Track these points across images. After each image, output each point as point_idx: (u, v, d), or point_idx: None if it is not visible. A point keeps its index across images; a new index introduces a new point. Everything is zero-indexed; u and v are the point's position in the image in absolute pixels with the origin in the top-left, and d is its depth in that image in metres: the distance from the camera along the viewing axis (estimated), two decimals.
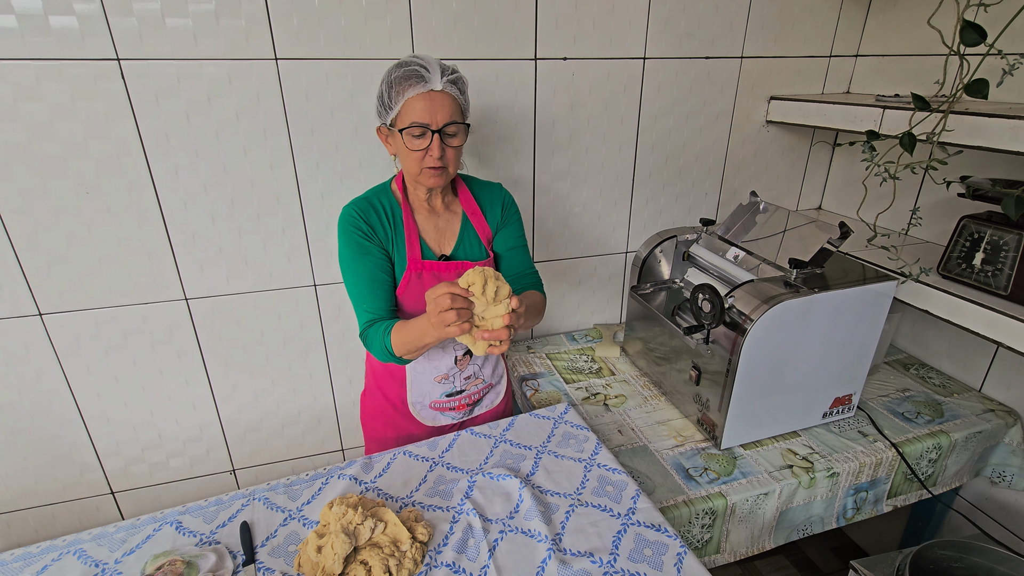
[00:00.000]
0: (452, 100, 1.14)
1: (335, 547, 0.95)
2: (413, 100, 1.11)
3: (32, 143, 1.31)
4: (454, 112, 1.15)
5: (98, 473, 1.69)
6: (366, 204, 1.25)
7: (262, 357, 1.70)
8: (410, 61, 1.13)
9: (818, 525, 1.41)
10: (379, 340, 1.20)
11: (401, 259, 1.26)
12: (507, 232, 1.36)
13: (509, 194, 1.37)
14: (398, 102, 1.13)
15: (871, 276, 1.34)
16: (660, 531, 1.06)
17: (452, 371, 1.37)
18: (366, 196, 1.27)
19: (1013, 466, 1.56)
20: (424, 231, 1.29)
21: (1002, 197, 1.19)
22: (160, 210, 1.46)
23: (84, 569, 0.99)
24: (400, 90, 1.12)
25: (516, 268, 1.36)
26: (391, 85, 1.13)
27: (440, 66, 1.13)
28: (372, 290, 1.23)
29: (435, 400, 1.39)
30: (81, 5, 1.24)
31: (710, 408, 1.39)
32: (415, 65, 1.12)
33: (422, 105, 1.12)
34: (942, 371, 1.75)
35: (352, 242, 1.22)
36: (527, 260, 1.39)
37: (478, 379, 1.42)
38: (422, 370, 1.36)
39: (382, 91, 1.16)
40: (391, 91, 1.14)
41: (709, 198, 1.99)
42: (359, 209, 1.24)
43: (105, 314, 1.52)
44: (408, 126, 1.12)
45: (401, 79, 1.12)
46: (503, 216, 1.34)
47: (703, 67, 1.76)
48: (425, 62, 1.13)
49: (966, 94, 1.17)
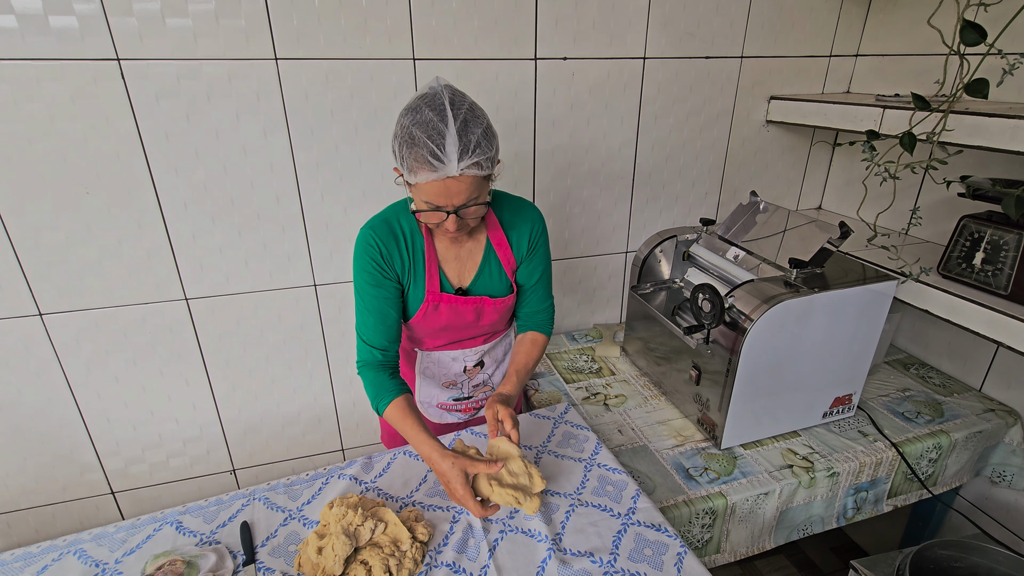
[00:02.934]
0: (472, 180, 0.99)
1: (335, 548, 0.95)
2: (427, 184, 0.98)
3: (32, 143, 1.31)
4: (474, 191, 1.00)
5: (98, 473, 1.69)
6: (386, 228, 1.15)
7: (262, 357, 1.70)
8: (424, 140, 0.94)
9: (818, 525, 1.41)
10: (374, 398, 1.15)
11: (419, 290, 1.19)
12: (531, 267, 1.25)
13: (540, 221, 1.24)
14: (411, 173, 0.99)
15: (871, 276, 1.34)
16: (660, 531, 1.06)
17: (461, 379, 1.36)
18: (385, 217, 1.16)
19: (1013, 466, 1.56)
20: (444, 260, 1.20)
21: (1002, 197, 1.19)
22: (160, 210, 1.46)
23: (84, 569, 0.99)
24: (411, 166, 0.97)
25: (530, 306, 1.30)
26: (403, 148, 0.97)
27: (460, 147, 0.95)
28: (376, 324, 1.16)
29: (442, 402, 1.40)
30: (81, 5, 1.24)
31: (710, 408, 1.39)
32: (430, 148, 0.94)
33: (436, 189, 0.98)
34: (942, 371, 1.75)
35: (366, 271, 1.15)
36: (543, 296, 1.31)
37: (487, 386, 1.41)
38: (431, 375, 1.35)
39: (396, 144, 0.99)
40: (403, 155, 0.98)
41: (709, 198, 1.99)
42: (378, 235, 1.14)
43: (105, 314, 1.52)
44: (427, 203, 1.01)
45: (413, 158, 0.96)
46: (530, 249, 1.23)
47: (703, 67, 1.76)
48: (442, 143, 0.94)
49: (966, 94, 1.17)
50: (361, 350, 1.19)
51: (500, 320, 1.29)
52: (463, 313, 1.22)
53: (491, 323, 1.28)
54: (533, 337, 1.30)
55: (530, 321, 1.32)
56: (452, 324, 1.23)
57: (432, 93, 0.99)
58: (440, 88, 0.99)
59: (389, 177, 1.59)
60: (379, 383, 1.16)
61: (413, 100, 1.00)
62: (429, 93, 0.99)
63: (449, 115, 0.96)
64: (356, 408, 1.88)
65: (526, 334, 1.31)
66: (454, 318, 1.22)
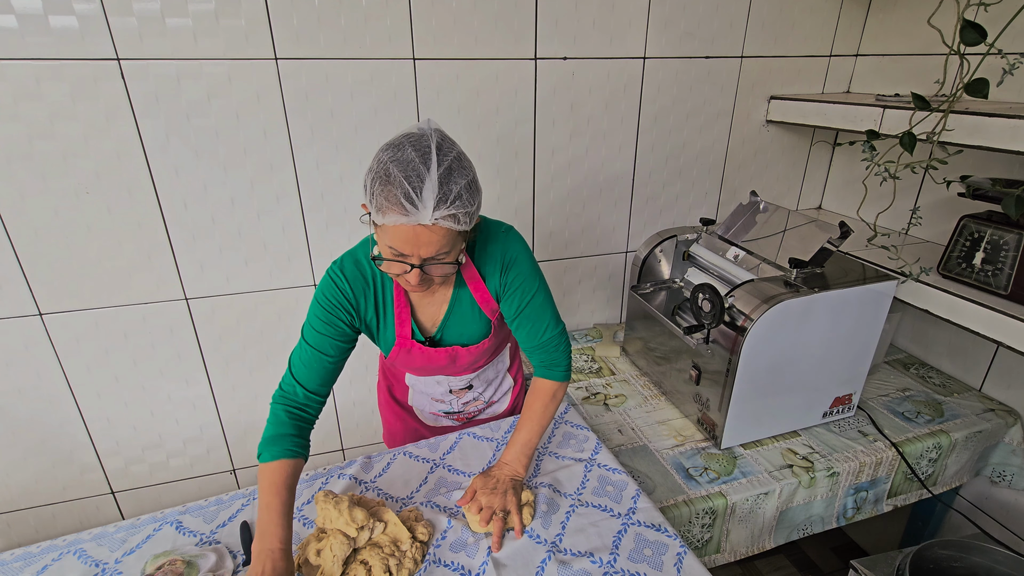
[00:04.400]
0: (445, 233, 0.89)
1: (334, 549, 0.95)
2: (394, 228, 0.88)
3: (32, 143, 1.31)
4: (445, 244, 0.90)
5: (98, 473, 1.69)
6: (356, 271, 1.05)
7: (262, 357, 1.70)
8: (399, 180, 0.85)
9: (818, 525, 1.41)
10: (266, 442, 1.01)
11: (389, 334, 1.11)
12: (510, 300, 1.11)
13: (514, 247, 1.09)
14: (379, 213, 0.89)
15: (871, 276, 1.34)
16: (660, 531, 1.06)
17: (449, 398, 1.33)
18: (357, 258, 1.07)
19: (1013, 466, 1.56)
20: (418, 307, 1.12)
21: (1002, 197, 1.19)
22: (160, 210, 1.46)
23: (84, 569, 0.99)
24: (381, 205, 0.88)
25: (526, 341, 1.15)
26: (376, 184, 0.88)
27: (439, 194, 0.86)
28: (311, 361, 1.05)
29: (434, 411, 1.39)
30: (81, 5, 1.24)
31: (710, 408, 1.39)
32: (404, 189, 0.85)
33: (404, 235, 0.89)
34: (942, 371, 1.75)
35: (320, 307, 1.05)
36: (535, 330, 1.13)
37: (478, 401, 1.38)
38: (420, 390, 1.33)
39: (369, 179, 0.90)
40: (374, 191, 0.89)
41: (709, 198, 1.99)
42: (346, 276, 1.05)
43: (105, 314, 1.52)
44: (391, 249, 0.92)
45: (384, 196, 0.87)
46: (502, 282, 1.09)
47: (703, 67, 1.76)
48: (420, 186, 0.85)
49: (966, 94, 1.17)
50: (286, 381, 1.07)
51: (481, 359, 1.22)
52: (435, 359, 1.15)
53: (469, 363, 1.20)
54: (537, 387, 1.17)
55: (534, 358, 1.16)
56: (428, 365, 1.17)
57: (420, 133, 0.90)
58: (429, 130, 0.91)
59: None
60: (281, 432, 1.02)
61: (397, 137, 0.91)
62: (416, 133, 0.91)
63: (433, 159, 0.87)
64: (356, 408, 1.88)
65: (533, 385, 1.19)
66: (427, 361, 1.16)
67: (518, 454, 1.13)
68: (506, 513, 1.05)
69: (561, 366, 1.16)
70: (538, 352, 1.15)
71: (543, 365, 1.17)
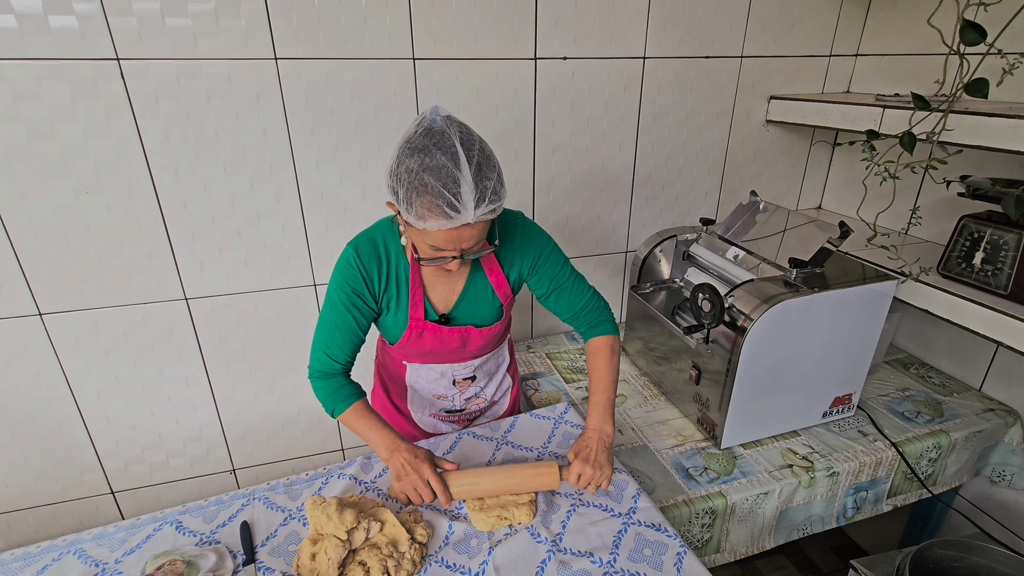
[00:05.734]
0: (484, 225, 0.96)
1: (328, 552, 0.95)
2: (437, 232, 0.93)
3: (32, 143, 1.31)
4: (483, 233, 0.97)
5: (98, 473, 1.69)
6: (371, 250, 1.09)
7: (262, 357, 1.70)
8: (438, 189, 0.88)
9: (818, 524, 1.41)
10: (331, 400, 1.14)
11: (401, 316, 1.15)
12: (543, 275, 1.19)
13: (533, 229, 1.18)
14: (418, 220, 0.92)
15: (871, 276, 1.34)
16: (660, 531, 1.06)
17: (452, 392, 1.33)
18: (372, 237, 1.11)
19: (1013, 465, 1.56)
20: (430, 287, 1.15)
21: (1002, 196, 1.19)
22: (160, 210, 1.46)
23: (84, 569, 0.99)
24: (421, 214, 0.91)
25: (567, 310, 1.23)
26: (411, 194, 0.90)
27: (476, 195, 0.90)
28: (344, 342, 1.13)
29: (435, 412, 1.39)
30: (81, 5, 1.23)
31: (710, 408, 1.39)
32: (446, 198, 0.88)
33: (447, 237, 0.94)
34: (942, 370, 1.75)
35: (343, 292, 1.10)
36: (575, 294, 1.22)
37: (479, 399, 1.38)
38: (421, 387, 1.32)
39: (403, 189, 0.91)
40: (411, 201, 0.91)
41: (709, 198, 1.99)
42: (362, 258, 1.08)
43: (105, 314, 1.52)
44: (434, 248, 0.97)
45: (424, 207, 0.90)
46: (533, 263, 1.18)
47: (703, 67, 1.76)
48: (458, 192, 0.88)
49: (966, 93, 1.17)
50: (319, 361, 1.14)
51: (490, 343, 1.26)
52: (448, 340, 1.18)
53: (479, 347, 1.25)
54: (595, 347, 1.23)
55: (580, 323, 1.25)
56: (437, 349, 1.21)
57: (439, 131, 0.91)
58: (444, 124, 0.92)
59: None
60: (337, 386, 1.15)
61: (416, 137, 0.92)
62: (436, 130, 0.92)
63: (463, 159, 0.89)
64: None
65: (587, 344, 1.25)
66: (438, 344, 1.19)
67: (603, 415, 1.18)
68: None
69: (609, 320, 1.26)
70: (583, 316, 1.24)
71: (591, 325, 1.25)
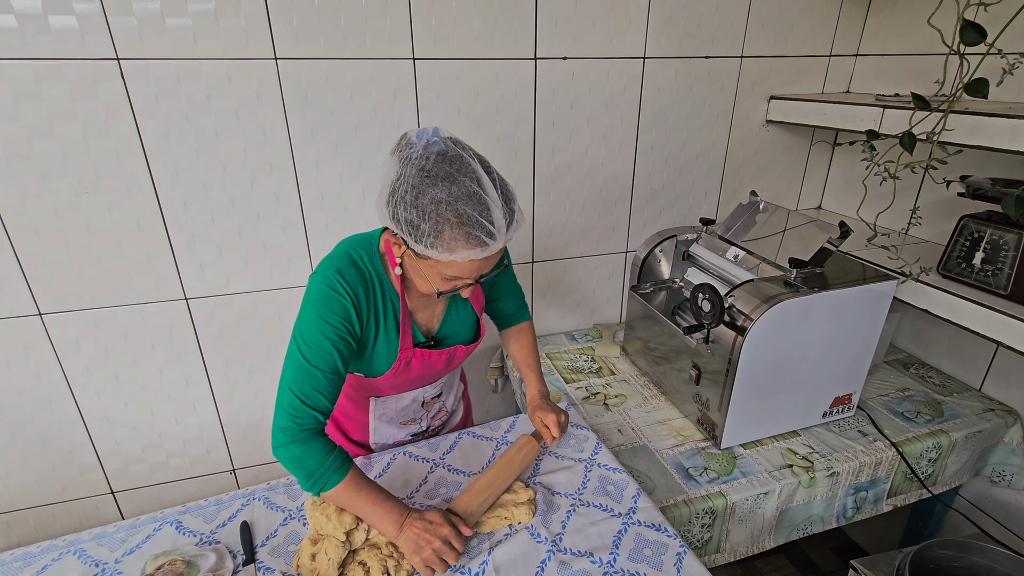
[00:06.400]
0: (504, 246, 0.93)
1: (328, 553, 0.95)
2: (465, 263, 0.89)
3: (32, 143, 1.31)
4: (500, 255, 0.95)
5: (98, 473, 1.69)
6: (357, 275, 0.99)
7: (262, 357, 1.70)
8: (477, 220, 0.85)
9: (818, 525, 1.41)
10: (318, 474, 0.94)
11: (389, 348, 1.06)
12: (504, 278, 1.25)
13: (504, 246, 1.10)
14: (446, 252, 0.87)
15: (871, 276, 1.34)
16: (660, 531, 1.06)
17: (419, 414, 1.29)
18: (352, 259, 1.00)
19: (1013, 465, 1.56)
20: (416, 312, 1.10)
21: (1002, 196, 1.19)
22: (160, 210, 1.46)
23: (84, 569, 0.99)
24: (453, 246, 0.86)
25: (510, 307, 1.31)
26: (441, 226, 0.85)
27: (507, 220, 0.88)
28: (328, 385, 0.96)
29: (399, 439, 1.33)
30: (81, 5, 1.23)
31: (710, 408, 1.39)
32: (486, 228, 0.85)
33: (476, 266, 0.91)
34: (942, 370, 1.75)
35: (328, 326, 0.95)
36: (517, 296, 1.32)
37: (442, 411, 1.35)
38: (390, 418, 1.26)
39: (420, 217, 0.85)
40: (439, 232, 0.85)
41: (709, 198, 1.99)
42: (350, 283, 0.97)
43: (105, 314, 1.52)
44: (452, 278, 0.93)
45: (458, 238, 0.85)
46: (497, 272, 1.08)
47: (703, 67, 1.76)
48: (491, 219, 0.85)
49: (966, 93, 1.17)
50: (294, 418, 0.94)
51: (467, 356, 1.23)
52: (435, 363, 1.14)
53: (460, 364, 1.25)
54: (520, 328, 1.35)
55: (514, 317, 1.34)
56: (423, 374, 1.16)
57: (455, 156, 0.87)
58: (455, 147, 0.88)
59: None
60: (323, 452, 0.95)
61: (433, 164, 0.85)
62: (451, 155, 0.86)
63: (487, 183, 0.86)
64: None
65: (511, 329, 1.35)
66: (425, 369, 1.14)
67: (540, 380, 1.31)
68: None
69: (526, 305, 1.36)
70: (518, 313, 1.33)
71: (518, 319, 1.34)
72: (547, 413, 1.22)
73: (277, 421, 0.96)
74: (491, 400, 2.08)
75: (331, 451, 0.96)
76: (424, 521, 0.97)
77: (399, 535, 0.96)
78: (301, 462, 0.94)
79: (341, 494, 0.96)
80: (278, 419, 0.96)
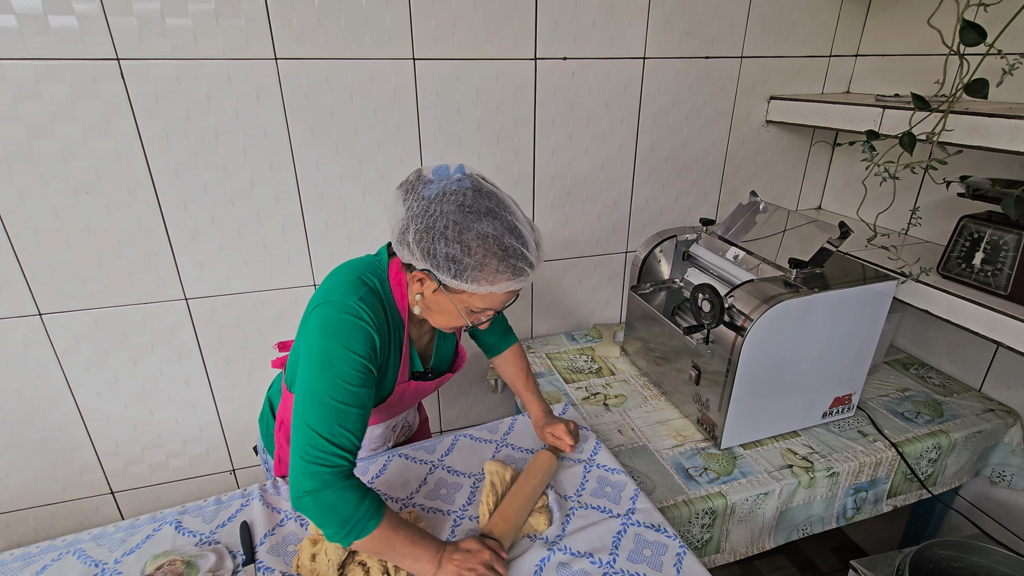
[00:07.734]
0: None
1: (328, 554, 0.95)
2: (503, 294, 0.91)
3: (32, 143, 1.31)
4: None
5: (98, 473, 1.69)
6: (378, 306, 0.95)
7: (262, 357, 1.70)
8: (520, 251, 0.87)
9: (818, 525, 1.41)
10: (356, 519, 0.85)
11: (392, 376, 1.05)
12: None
13: None
14: (489, 284, 0.87)
15: (871, 276, 1.34)
16: (660, 531, 1.06)
17: (390, 436, 1.29)
18: (372, 289, 0.96)
19: (1013, 466, 1.56)
20: (416, 341, 1.10)
21: (1002, 197, 1.19)
22: (160, 210, 1.46)
23: (84, 569, 0.99)
24: (497, 279, 0.87)
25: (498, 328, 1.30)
26: (488, 259, 0.86)
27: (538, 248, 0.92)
28: (354, 422, 0.89)
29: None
30: (81, 5, 1.24)
31: (710, 408, 1.39)
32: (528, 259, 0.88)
33: (509, 297, 0.92)
34: (942, 371, 1.75)
35: (359, 360, 0.90)
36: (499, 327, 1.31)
37: (405, 427, 1.35)
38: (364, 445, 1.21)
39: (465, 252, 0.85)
40: (483, 265, 0.86)
41: (709, 198, 1.99)
42: (374, 314, 0.93)
43: (105, 314, 1.52)
44: (481, 310, 0.93)
45: (504, 270, 0.87)
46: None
47: (703, 67, 1.76)
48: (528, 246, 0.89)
49: (966, 94, 1.17)
50: (325, 459, 0.85)
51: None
52: (425, 391, 1.14)
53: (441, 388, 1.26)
54: (512, 351, 1.33)
55: (502, 344, 1.32)
56: (411, 402, 1.18)
57: (488, 191, 0.89)
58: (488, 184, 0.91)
59: (389, 178, 1.59)
60: (359, 497, 0.87)
61: (472, 199, 0.86)
62: (485, 190, 0.89)
63: (519, 213, 0.90)
64: None
65: (504, 355, 1.32)
66: (415, 397, 1.15)
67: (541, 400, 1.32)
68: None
69: (511, 328, 1.35)
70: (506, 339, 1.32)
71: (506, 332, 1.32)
72: (556, 425, 1.24)
73: (299, 468, 0.85)
74: (491, 400, 2.08)
75: (366, 494, 0.88)
76: (462, 552, 0.93)
77: (437, 572, 0.91)
78: (335, 509, 0.85)
79: (377, 539, 0.87)
80: (301, 466, 0.85)
